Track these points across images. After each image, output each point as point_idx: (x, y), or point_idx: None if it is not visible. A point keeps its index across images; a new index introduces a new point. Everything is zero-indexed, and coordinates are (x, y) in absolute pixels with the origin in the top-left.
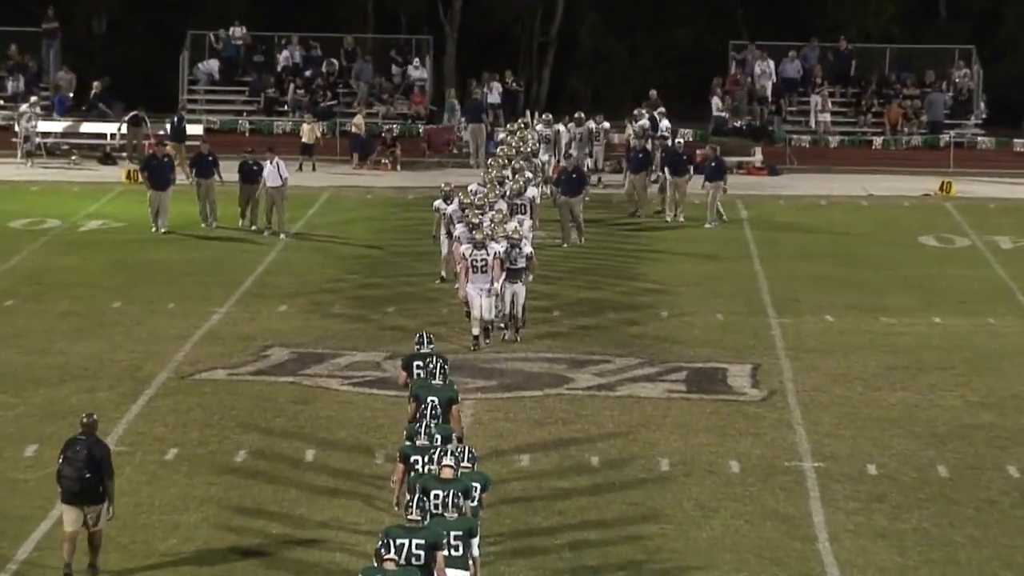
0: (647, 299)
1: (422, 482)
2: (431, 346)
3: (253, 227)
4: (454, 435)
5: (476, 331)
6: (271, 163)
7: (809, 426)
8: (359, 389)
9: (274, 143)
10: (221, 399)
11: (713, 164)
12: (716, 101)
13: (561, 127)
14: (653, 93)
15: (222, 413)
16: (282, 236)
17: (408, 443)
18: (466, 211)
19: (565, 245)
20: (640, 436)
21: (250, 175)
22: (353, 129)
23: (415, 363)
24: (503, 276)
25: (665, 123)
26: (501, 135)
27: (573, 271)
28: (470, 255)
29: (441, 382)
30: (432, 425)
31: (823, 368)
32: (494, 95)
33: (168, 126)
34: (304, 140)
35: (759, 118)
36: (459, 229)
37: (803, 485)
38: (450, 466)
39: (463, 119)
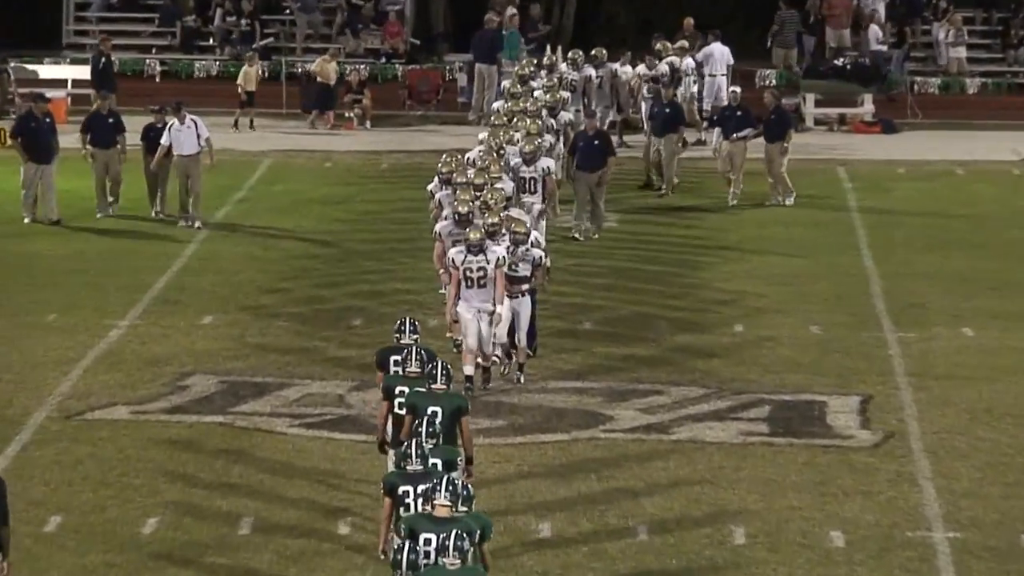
0: (713, 308)
1: (410, 522)
2: (415, 336)
3: (161, 215)
4: (460, 460)
5: (469, 368)
6: (183, 123)
7: (941, 482)
8: (315, 432)
9: (196, 92)
10: (123, 447)
11: (772, 117)
12: (875, 30)
13: (592, 70)
14: (688, 22)
15: (124, 467)
16: (197, 225)
17: (396, 469)
18: (458, 194)
19: (578, 236)
20: (705, 496)
21: (158, 142)
22: (319, 76)
23: (392, 358)
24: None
25: (688, 62)
26: (506, 83)
27: (608, 272)
28: (463, 262)
29: (444, 385)
30: (429, 444)
31: (960, 401)
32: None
33: (87, 70)
34: (246, 87)
35: (869, 54)
36: (440, 225)
37: (932, 563)
38: (446, 504)
39: (456, 62)
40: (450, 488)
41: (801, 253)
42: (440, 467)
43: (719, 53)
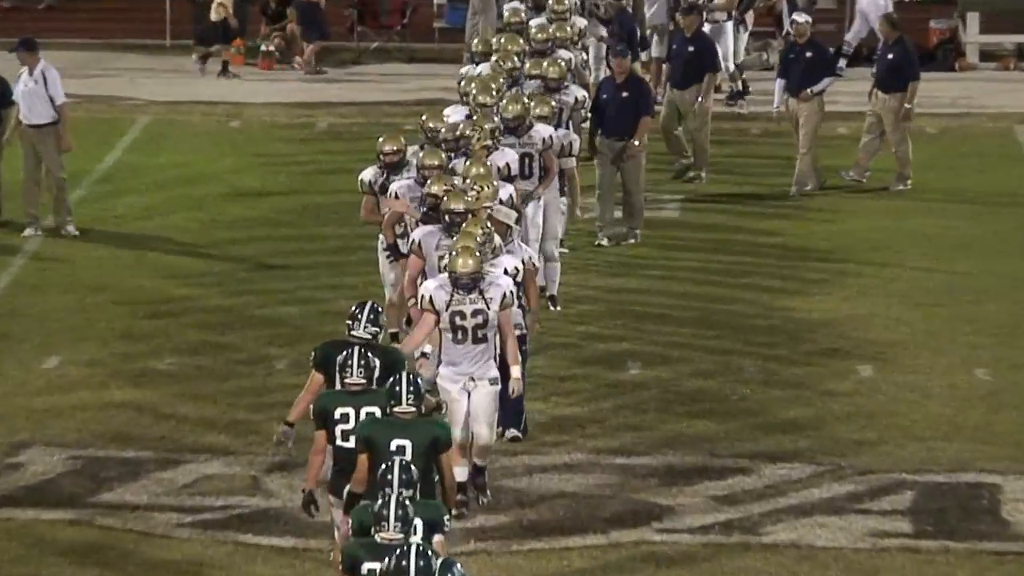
0: (823, 342)
1: None
2: (373, 329)
3: None
4: (447, 521)
5: (461, 472)
6: (32, 74)
7: None
8: (216, 534)
9: (39, 16)
10: None
11: (890, 56)
12: None
13: None
14: None
15: None
16: (70, 230)
17: (360, 537)
18: (431, 186)
19: (605, 242)
20: None
21: None
22: None
23: (339, 360)
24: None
25: None
26: (512, 4)
27: (656, 295)
28: (448, 304)
29: (412, 406)
30: (405, 496)
31: None
32: None
33: None
34: (229, 8)
35: None
36: (417, 233)
37: None
38: None
39: None
40: (421, 557)
41: (958, 260)
42: (424, 530)
43: None
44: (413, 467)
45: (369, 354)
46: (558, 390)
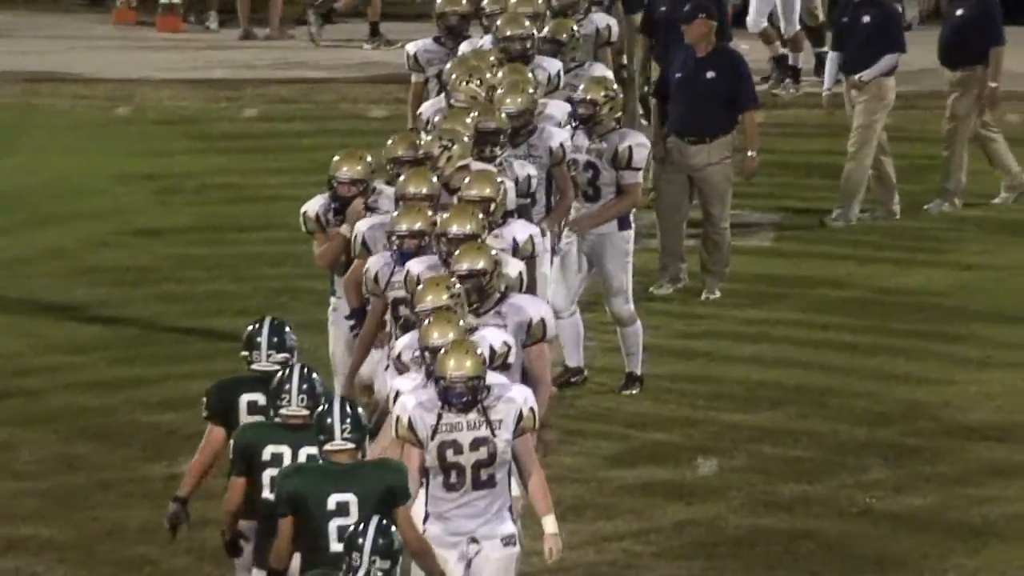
0: (982, 437)
1: None
2: (283, 354)
3: None
4: None
5: None
6: None
7: None
8: None
9: None
10: None
11: (959, 14)
12: None
13: None
14: None
15: None
16: None
17: None
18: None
19: (666, 290)
20: None
21: None
22: None
23: (245, 399)
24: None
25: None
26: None
27: (746, 384)
28: (435, 430)
29: (349, 441)
30: (380, 570)
31: None
32: None
33: None
34: None
35: None
36: (362, 225)
37: None
38: None
39: None
40: None
41: None
42: None
43: None
44: (395, 532)
45: (314, 376)
46: (598, 513)
